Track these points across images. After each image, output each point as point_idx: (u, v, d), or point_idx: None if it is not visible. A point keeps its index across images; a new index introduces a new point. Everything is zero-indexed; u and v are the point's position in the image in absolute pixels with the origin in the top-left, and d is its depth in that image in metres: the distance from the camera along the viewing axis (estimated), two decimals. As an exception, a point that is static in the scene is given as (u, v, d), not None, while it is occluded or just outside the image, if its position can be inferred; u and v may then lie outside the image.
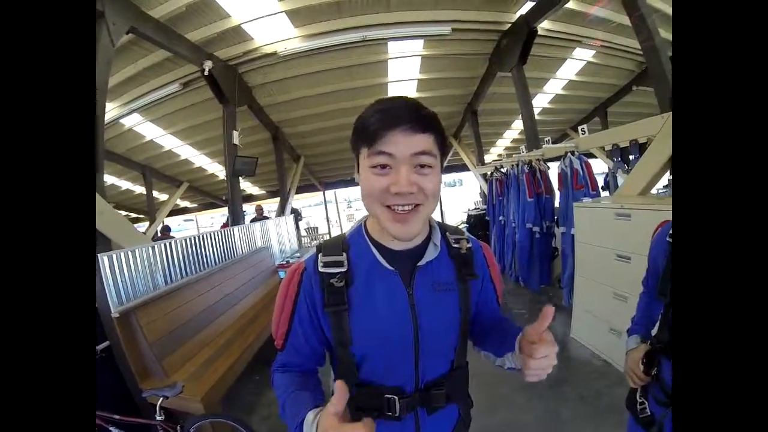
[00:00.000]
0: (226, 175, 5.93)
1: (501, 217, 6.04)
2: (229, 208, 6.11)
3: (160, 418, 2.17)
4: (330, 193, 13.48)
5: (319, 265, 0.80)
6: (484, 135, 8.87)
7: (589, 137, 4.08)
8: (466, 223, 7.96)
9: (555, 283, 5.04)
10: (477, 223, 7.35)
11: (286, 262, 6.09)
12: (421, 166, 0.71)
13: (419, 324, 0.79)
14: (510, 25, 5.53)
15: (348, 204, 25.18)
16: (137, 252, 3.01)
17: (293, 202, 9.12)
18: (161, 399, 2.18)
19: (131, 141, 8.09)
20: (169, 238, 5.49)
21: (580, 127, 4.22)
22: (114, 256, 2.78)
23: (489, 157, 11.10)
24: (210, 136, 7.91)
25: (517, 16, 5.37)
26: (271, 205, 11.54)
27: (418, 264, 0.81)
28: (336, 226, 14.36)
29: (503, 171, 5.97)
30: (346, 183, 13.01)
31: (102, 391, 2.15)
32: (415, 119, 0.70)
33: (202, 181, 11.48)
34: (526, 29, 5.18)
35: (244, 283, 4.28)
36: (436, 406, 0.84)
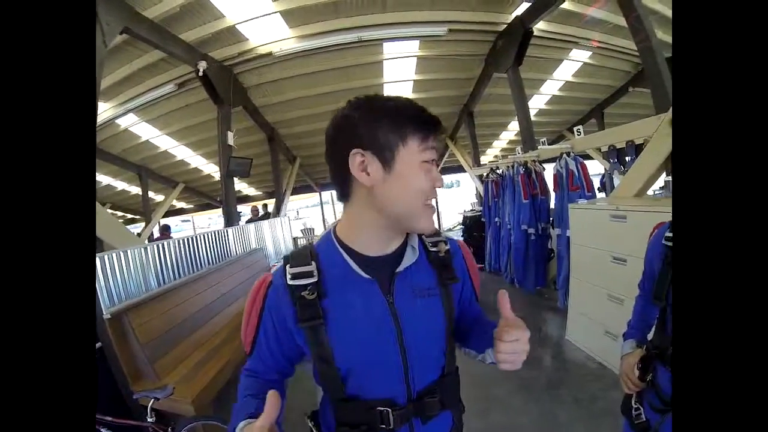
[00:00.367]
0: (220, 175, 5.91)
1: (497, 219, 6.04)
2: (223, 209, 6.09)
3: (151, 420, 2.16)
4: (326, 194, 13.44)
5: (288, 277, 0.75)
6: (480, 136, 8.86)
7: (584, 138, 4.09)
8: (462, 225, 7.94)
9: (550, 284, 5.02)
10: (473, 225, 7.31)
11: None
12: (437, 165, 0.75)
13: (403, 333, 0.76)
14: (505, 26, 5.53)
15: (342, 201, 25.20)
16: (129, 253, 3.00)
17: (289, 203, 9.09)
18: (152, 401, 2.17)
19: (127, 141, 8.07)
20: (169, 237, 5.46)
21: (575, 128, 4.23)
22: (106, 257, 2.77)
23: (485, 159, 11.13)
24: (206, 136, 7.87)
25: (512, 17, 5.37)
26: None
27: (397, 270, 0.78)
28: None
29: (499, 172, 5.97)
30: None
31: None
32: (438, 121, 0.75)
33: (198, 181, 11.44)
34: (522, 30, 5.19)
35: (238, 285, 4.25)
36: (430, 415, 0.80)
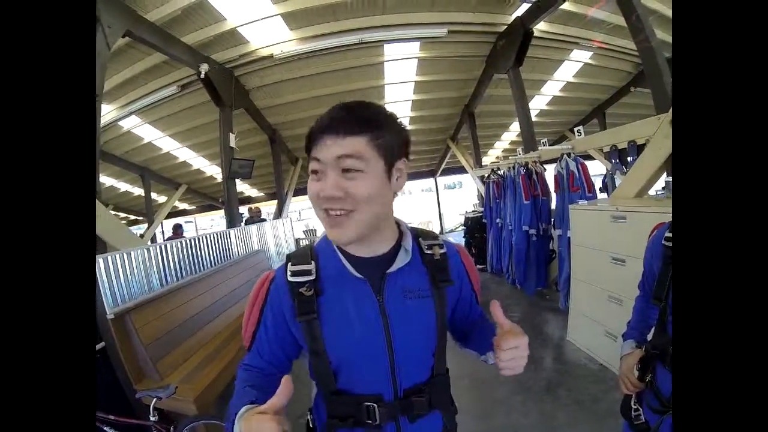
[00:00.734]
0: (222, 177, 5.94)
1: (498, 220, 6.04)
2: (225, 210, 6.12)
3: (153, 419, 2.18)
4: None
5: (288, 274, 0.79)
6: (481, 137, 8.86)
7: (584, 139, 4.09)
8: (464, 226, 7.93)
9: (552, 285, 5.02)
10: (474, 226, 7.31)
11: (283, 265, 6.09)
12: (346, 171, 0.68)
13: (392, 332, 0.78)
14: (506, 26, 5.54)
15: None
16: (132, 254, 3.02)
17: (291, 204, 9.12)
18: (154, 400, 2.19)
19: (130, 143, 8.12)
20: (181, 237, 5.50)
21: (576, 129, 4.23)
22: (109, 258, 2.80)
23: (487, 159, 11.11)
24: (208, 138, 7.90)
25: (512, 17, 5.38)
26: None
27: (388, 271, 0.79)
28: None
29: (500, 173, 5.97)
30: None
31: (100, 392, 2.15)
32: (342, 122, 0.69)
33: (200, 183, 11.48)
34: (522, 31, 5.19)
35: (240, 286, 4.27)
36: (418, 414, 0.82)
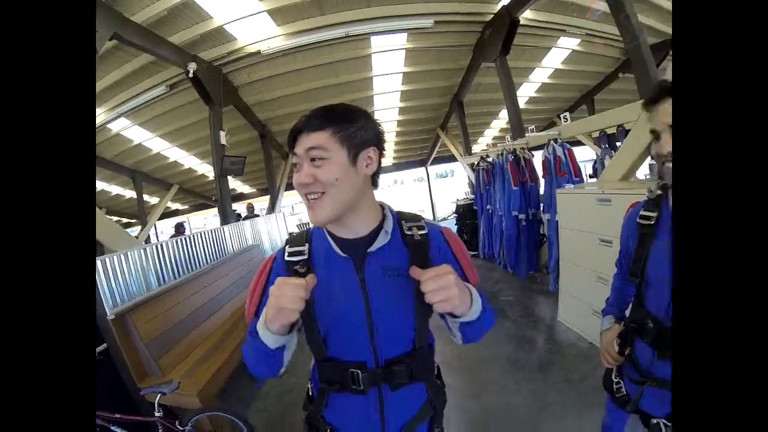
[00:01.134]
0: (214, 175, 5.96)
1: (488, 206, 6.11)
2: (219, 208, 6.14)
3: (158, 415, 2.23)
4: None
5: (286, 255, 0.91)
6: (471, 125, 8.91)
7: (570, 125, 4.16)
8: (455, 213, 8.01)
9: (543, 269, 5.13)
10: (465, 213, 7.40)
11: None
12: (312, 160, 0.81)
13: (371, 305, 0.86)
14: (492, 15, 5.57)
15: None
16: (130, 255, 3.06)
17: (283, 199, 9.15)
18: (159, 396, 2.24)
19: (119, 145, 8.08)
20: (184, 234, 5.55)
21: (562, 115, 4.30)
22: (107, 260, 2.83)
23: (478, 147, 11.18)
24: (198, 137, 7.91)
25: (498, 6, 5.41)
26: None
27: (369, 250, 0.88)
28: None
29: (489, 160, 6.03)
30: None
31: (101, 392, 2.20)
32: (308, 121, 0.82)
33: (192, 182, 11.45)
34: (508, 19, 5.23)
35: (236, 281, 4.33)
36: (399, 383, 0.89)
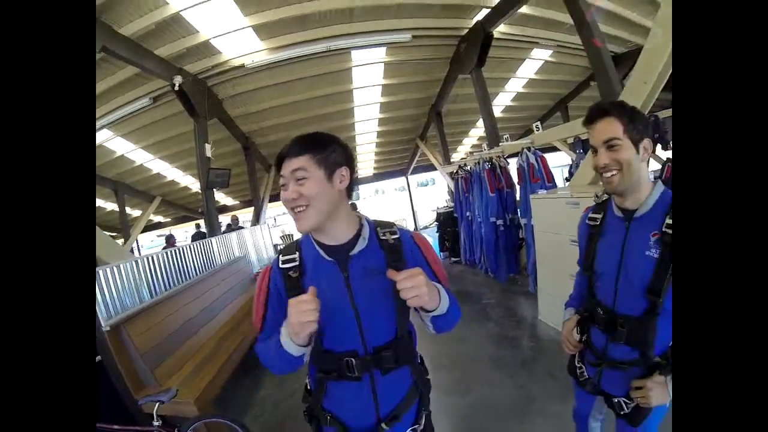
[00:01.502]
0: (200, 188, 5.99)
1: (468, 213, 6.27)
2: (205, 220, 6.16)
3: (157, 424, 2.25)
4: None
5: (279, 263, 1.05)
6: (449, 134, 9.18)
7: (542, 133, 4.40)
8: (436, 221, 8.18)
9: (522, 271, 5.31)
10: (446, 220, 7.57)
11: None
12: (297, 180, 0.96)
13: (356, 300, 1.01)
14: (467, 30, 5.85)
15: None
16: (122, 267, 3.11)
17: (268, 211, 9.18)
18: (157, 405, 2.26)
19: (102, 157, 8.01)
20: (175, 246, 5.56)
21: (534, 124, 4.53)
22: (100, 272, 2.88)
23: (457, 156, 11.44)
24: (181, 149, 7.93)
25: (474, 21, 5.69)
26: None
27: (351, 253, 1.02)
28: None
29: (467, 169, 6.22)
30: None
31: (100, 404, 2.22)
32: (291, 148, 0.98)
33: (175, 194, 11.34)
34: (483, 34, 5.51)
35: (226, 291, 4.39)
36: (387, 367, 1.03)
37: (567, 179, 7.91)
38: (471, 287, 5.54)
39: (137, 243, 12.26)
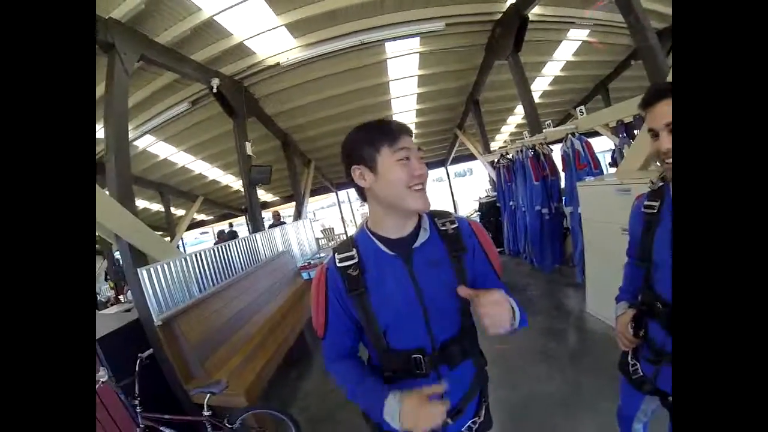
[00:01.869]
0: (243, 185, 6.15)
1: (511, 202, 6.15)
2: (248, 217, 6.33)
3: (207, 414, 2.34)
4: (342, 193, 13.68)
5: (336, 261, 1.00)
6: (488, 123, 8.94)
7: (587, 117, 4.18)
8: (478, 211, 8.06)
9: (568, 262, 5.13)
10: (488, 210, 7.44)
11: (307, 264, 6.33)
12: (420, 158, 0.95)
13: (423, 294, 0.97)
14: (501, 14, 5.63)
15: (361, 203, 25.29)
16: (172, 264, 3.25)
17: (308, 205, 9.35)
18: (208, 396, 2.35)
19: (146, 161, 8.43)
20: (227, 240, 5.80)
21: (578, 108, 4.32)
22: (152, 270, 3.02)
23: (495, 145, 11.17)
24: (221, 149, 8.19)
25: (507, 5, 5.46)
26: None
27: (414, 246, 0.99)
28: (351, 225, 14.49)
29: (509, 157, 6.07)
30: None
31: (150, 395, 2.32)
32: (407, 128, 0.97)
33: (216, 193, 11.78)
34: (518, 17, 5.28)
35: (271, 285, 4.52)
36: (456, 362, 1.01)
37: (610, 164, 7.55)
38: (516, 278, 5.43)
39: (182, 241, 12.84)
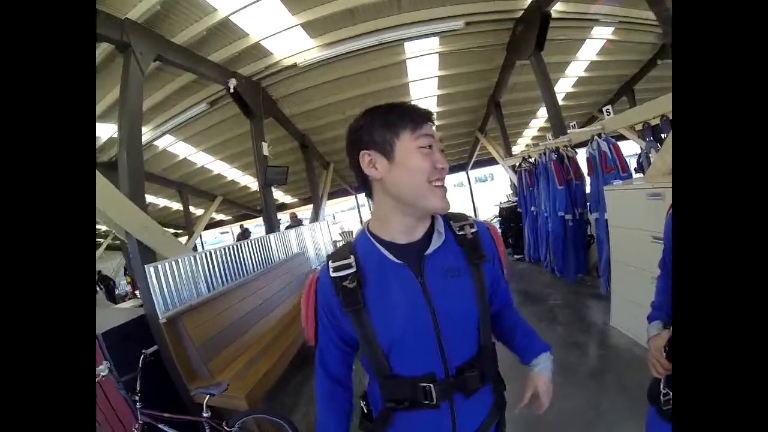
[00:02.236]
0: (258, 185, 6.15)
1: (533, 208, 5.94)
2: (263, 217, 6.32)
3: (206, 415, 2.28)
4: (362, 196, 13.65)
5: (330, 271, 0.84)
6: (509, 126, 8.75)
7: (614, 118, 3.97)
8: (499, 216, 7.86)
9: (592, 271, 4.89)
10: (509, 216, 7.25)
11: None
12: (441, 150, 0.82)
13: (436, 310, 0.81)
14: (522, 11, 5.45)
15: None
16: (180, 262, 3.20)
17: (328, 208, 9.31)
18: (207, 397, 2.30)
19: (166, 161, 8.59)
20: (248, 237, 5.81)
21: (604, 108, 4.12)
22: (159, 267, 2.98)
23: (517, 149, 10.93)
24: (240, 149, 8.24)
25: (528, 2, 5.27)
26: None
27: (426, 253, 0.84)
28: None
29: (531, 161, 5.88)
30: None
31: (151, 392, 2.28)
32: (430, 114, 0.85)
33: (235, 193, 11.95)
34: (539, 14, 5.08)
35: (282, 288, 4.44)
36: (472, 389, 0.85)
37: (636, 170, 7.24)
38: (536, 286, 5.21)
39: (201, 239, 13.04)
